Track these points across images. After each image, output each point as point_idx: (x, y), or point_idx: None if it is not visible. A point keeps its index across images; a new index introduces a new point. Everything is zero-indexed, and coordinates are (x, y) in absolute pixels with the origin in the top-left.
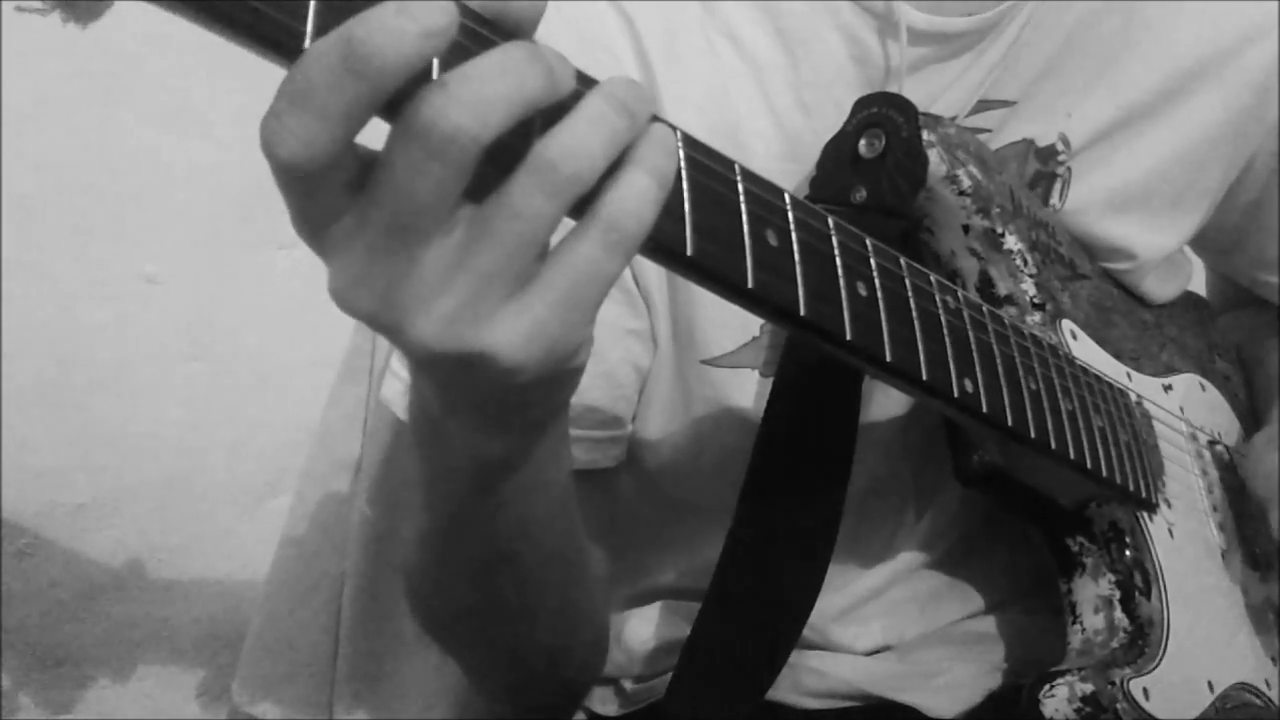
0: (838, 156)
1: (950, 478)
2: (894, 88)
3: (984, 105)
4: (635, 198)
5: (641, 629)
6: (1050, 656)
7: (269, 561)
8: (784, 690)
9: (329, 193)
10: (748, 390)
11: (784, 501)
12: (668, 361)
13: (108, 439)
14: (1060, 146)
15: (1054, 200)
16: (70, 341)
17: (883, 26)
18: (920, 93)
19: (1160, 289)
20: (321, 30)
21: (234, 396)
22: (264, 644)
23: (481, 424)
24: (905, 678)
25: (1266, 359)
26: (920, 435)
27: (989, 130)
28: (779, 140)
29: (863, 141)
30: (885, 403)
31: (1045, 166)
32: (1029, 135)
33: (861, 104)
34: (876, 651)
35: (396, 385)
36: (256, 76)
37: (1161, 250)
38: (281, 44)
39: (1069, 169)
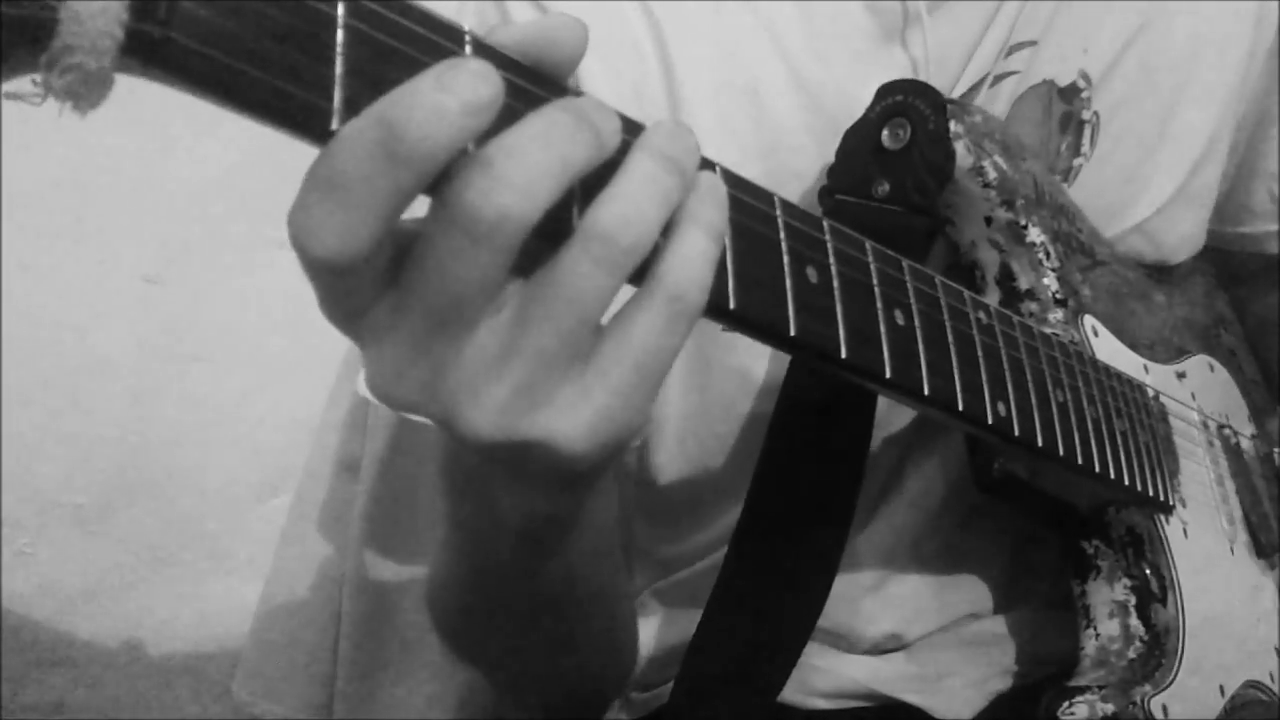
0: (858, 145)
1: (961, 467)
2: (914, 32)
3: (1013, 47)
4: (696, 261)
5: (644, 636)
6: (1060, 657)
7: (269, 561)
8: (791, 690)
9: (363, 282)
10: (769, 352)
11: (794, 502)
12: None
13: (108, 439)
14: (1081, 84)
15: (1085, 146)
16: (70, 341)
17: None
18: (944, 32)
19: (1180, 247)
20: (351, 105)
21: (234, 396)
22: (264, 644)
23: (529, 490)
24: (914, 679)
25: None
26: (931, 426)
27: (1018, 72)
28: (799, 94)
29: (886, 131)
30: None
31: (1071, 106)
32: (1049, 76)
33: (885, 91)
34: (887, 640)
35: None
36: None
37: (1194, 186)
38: (305, 122)
39: (1096, 114)
